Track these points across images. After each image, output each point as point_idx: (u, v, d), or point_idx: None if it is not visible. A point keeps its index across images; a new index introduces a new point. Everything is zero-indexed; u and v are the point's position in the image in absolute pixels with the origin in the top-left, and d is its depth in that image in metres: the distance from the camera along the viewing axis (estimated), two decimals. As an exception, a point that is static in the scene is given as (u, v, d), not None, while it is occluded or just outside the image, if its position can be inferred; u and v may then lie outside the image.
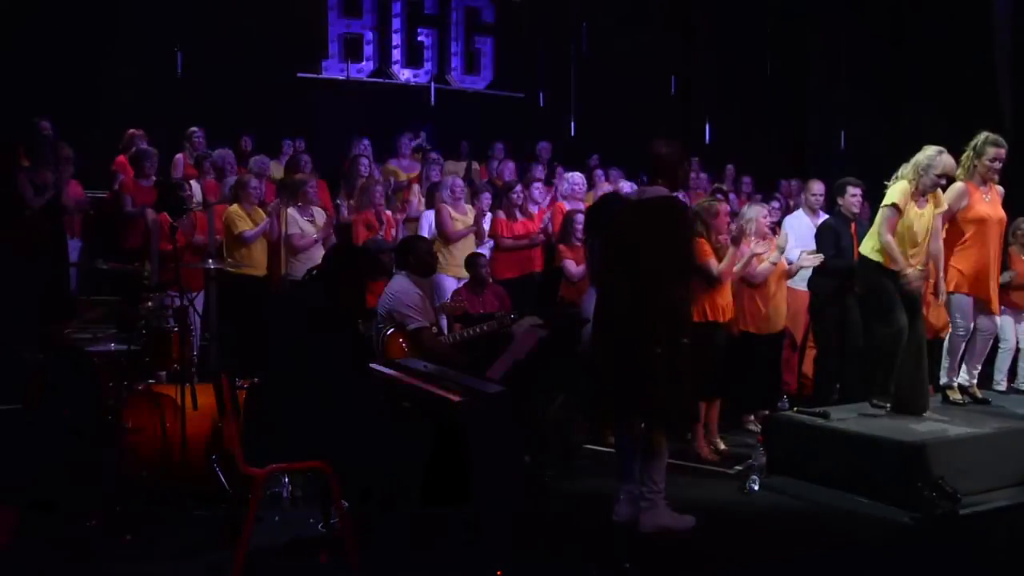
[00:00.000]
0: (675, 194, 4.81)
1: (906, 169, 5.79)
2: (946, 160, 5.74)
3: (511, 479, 4.41)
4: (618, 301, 4.71)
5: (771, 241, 6.63)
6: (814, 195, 7.70)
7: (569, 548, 4.47)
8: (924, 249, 5.86)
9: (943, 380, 6.31)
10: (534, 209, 8.42)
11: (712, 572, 4.48)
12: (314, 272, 5.24)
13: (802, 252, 6.90)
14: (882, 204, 5.83)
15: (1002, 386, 7.43)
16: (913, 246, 5.79)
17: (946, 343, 6.33)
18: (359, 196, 8.08)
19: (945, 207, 5.99)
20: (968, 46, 10.57)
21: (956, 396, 6.25)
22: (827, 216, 7.26)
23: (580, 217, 7.52)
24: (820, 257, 6.73)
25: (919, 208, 5.78)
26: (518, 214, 8.13)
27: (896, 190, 5.75)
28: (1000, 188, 6.15)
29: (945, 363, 6.30)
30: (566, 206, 8.32)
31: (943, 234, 6.05)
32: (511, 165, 9.76)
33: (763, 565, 4.55)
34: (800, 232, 7.32)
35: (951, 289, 6.10)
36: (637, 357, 4.57)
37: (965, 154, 6.08)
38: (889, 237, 5.73)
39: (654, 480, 4.71)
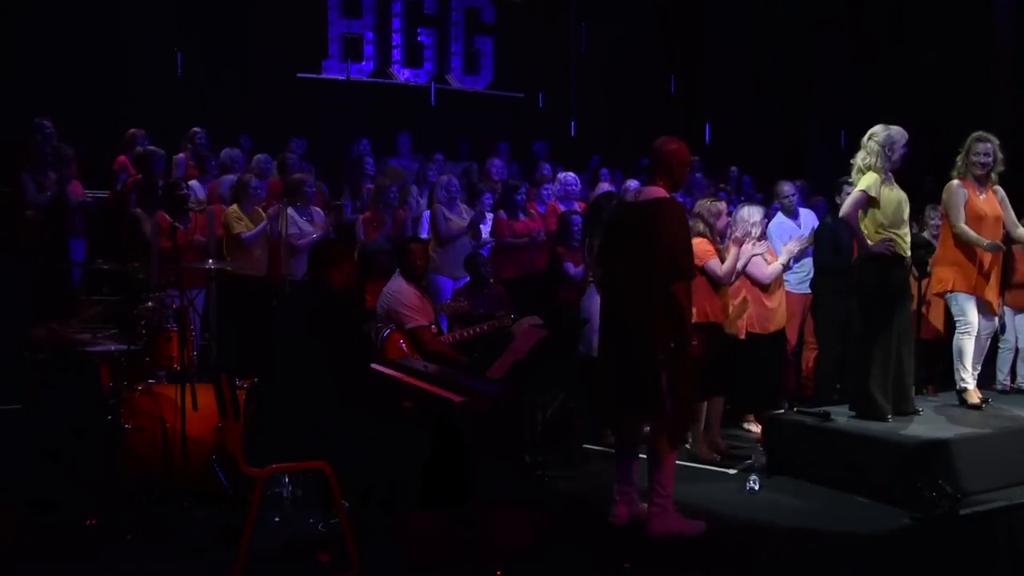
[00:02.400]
0: (672, 194, 4.75)
1: (867, 158, 5.67)
2: (898, 130, 5.68)
3: (511, 479, 4.41)
4: (616, 302, 4.71)
5: (767, 243, 6.65)
6: (785, 197, 7.77)
7: (569, 548, 4.47)
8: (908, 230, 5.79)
9: (959, 384, 6.09)
10: (541, 209, 8.41)
11: (712, 572, 4.48)
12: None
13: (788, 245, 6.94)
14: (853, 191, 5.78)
15: (1003, 386, 7.41)
16: (900, 225, 5.69)
17: (953, 345, 6.13)
18: (374, 197, 8.07)
19: (950, 211, 5.98)
20: (968, 46, 10.57)
21: (975, 399, 6.03)
22: (821, 215, 7.30)
23: (577, 219, 7.51)
24: (804, 238, 6.86)
25: (892, 188, 5.70)
26: (520, 214, 8.13)
27: (866, 181, 5.65)
28: (999, 189, 6.12)
29: (957, 365, 6.08)
30: (560, 207, 8.32)
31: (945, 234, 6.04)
32: (511, 165, 9.75)
33: (763, 565, 4.54)
34: (783, 234, 7.42)
35: (951, 288, 6.07)
36: (636, 357, 4.57)
37: (960, 155, 6.06)
38: (853, 213, 5.64)
39: (663, 485, 4.65)
